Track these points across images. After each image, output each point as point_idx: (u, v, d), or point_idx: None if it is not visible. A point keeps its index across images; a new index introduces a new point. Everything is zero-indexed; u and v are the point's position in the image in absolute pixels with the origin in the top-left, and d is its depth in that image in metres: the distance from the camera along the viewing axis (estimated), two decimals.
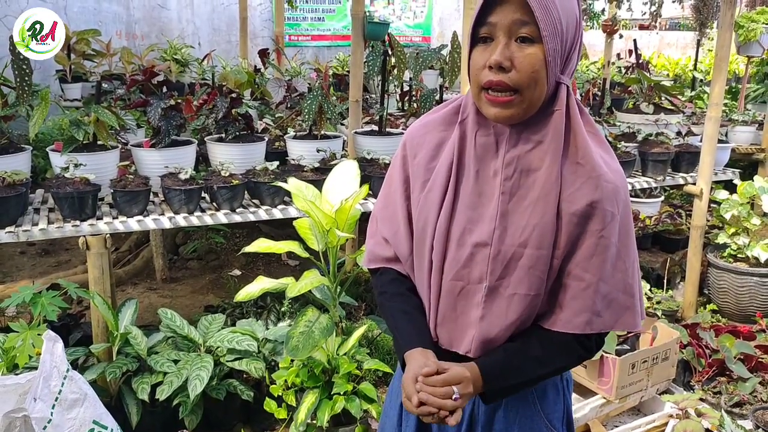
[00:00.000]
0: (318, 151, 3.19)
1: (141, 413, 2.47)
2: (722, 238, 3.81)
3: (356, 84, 3.40)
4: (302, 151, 3.20)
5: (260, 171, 2.96)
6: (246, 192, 2.97)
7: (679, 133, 4.04)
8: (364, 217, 2.40)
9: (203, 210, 2.85)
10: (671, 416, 2.60)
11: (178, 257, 4.71)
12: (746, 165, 4.75)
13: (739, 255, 3.77)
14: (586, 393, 2.77)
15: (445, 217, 1.19)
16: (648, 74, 4.99)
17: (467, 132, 1.20)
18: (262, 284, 2.53)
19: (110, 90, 3.83)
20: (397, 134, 3.44)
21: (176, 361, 2.54)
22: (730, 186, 4.02)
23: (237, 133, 3.15)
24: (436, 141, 1.25)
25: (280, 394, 2.50)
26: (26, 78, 2.76)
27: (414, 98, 4.31)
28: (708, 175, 3.58)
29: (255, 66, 4.57)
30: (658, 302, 3.62)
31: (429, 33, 8.38)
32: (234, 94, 3.24)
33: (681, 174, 3.88)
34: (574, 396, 2.61)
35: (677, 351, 2.88)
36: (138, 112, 3.52)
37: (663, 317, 3.37)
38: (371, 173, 3.04)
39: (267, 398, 2.56)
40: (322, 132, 3.38)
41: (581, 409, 2.64)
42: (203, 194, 2.87)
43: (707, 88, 5.18)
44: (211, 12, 6.87)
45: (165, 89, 3.70)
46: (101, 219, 2.66)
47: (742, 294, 3.69)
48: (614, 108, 4.76)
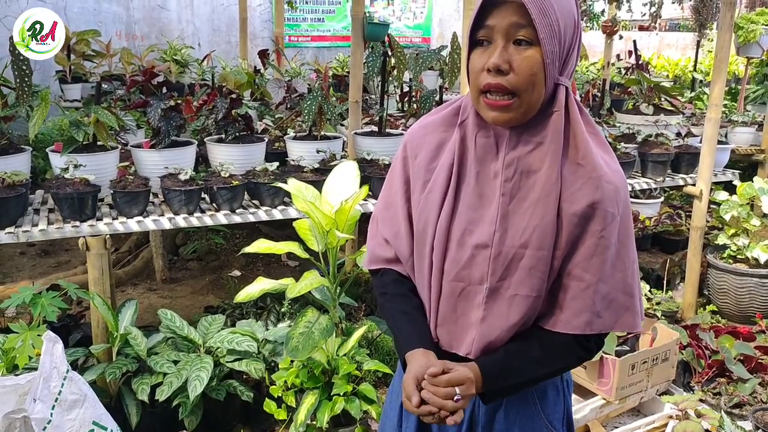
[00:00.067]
0: (318, 152, 3.19)
1: (141, 414, 2.46)
2: (722, 239, 3.82)
3: (356, 85, 3.40)
4: (302, 152, 3.20)
5: (260, 172, 2.96)
6: (246, 193, 2.97)
7: (679, 134, 4.04)
8: (364, 218, 2.40)
9: (203, 211, 2.85)
10: (671, 417, 2.60)
11: (178, 258, 4.71)
12: (746, 166, 4.75)
13: (739, 256, 3.77)
14: (586, 394, 2.77)
15: (446, 218, 1.19)
16: (648, 75, 5.00)
17: (467, 133, 1.20)
18: (262, 285, 2.53)
19: (110, 91, 3.82)
20: (397, 135, 3.44)
21: (176, 362, 2.54)
22: (730, 187, 4.02)
23: (237, 134, 3.15)
24: (437, 142, 1.25)
25: (280, 395, 2.50)
26: (26, 78, 2.76)
27: (414, 99, 4.31)
28: (708, 176, 3.58)
29: (255, 67, 4.58)
30: (658, 303, 3.62)
31: (429, 34, 8.38)
32: (234, 95, 3.24)
33: (681, 175, 3.88)
34: (574, 397, 2.61)
35: (677, 352, 2.88)
36: (138, 113, 3.51)
37: (663, 318, 3.37)
38: (371, 174, 3.04)
39: (267, 399, 2.55)
40: (322, 133, 3.39)
41: (581, 410, 2.64)
42: (203, 195, 2.87)
43: (707, 89, 5.18)
44: (211, 13, 6.87)
45: (165, 90, 3.70)
46: (101, 220, 2.66)
47: (742, 295, 3.69)
48: (614, 109, 4.76)
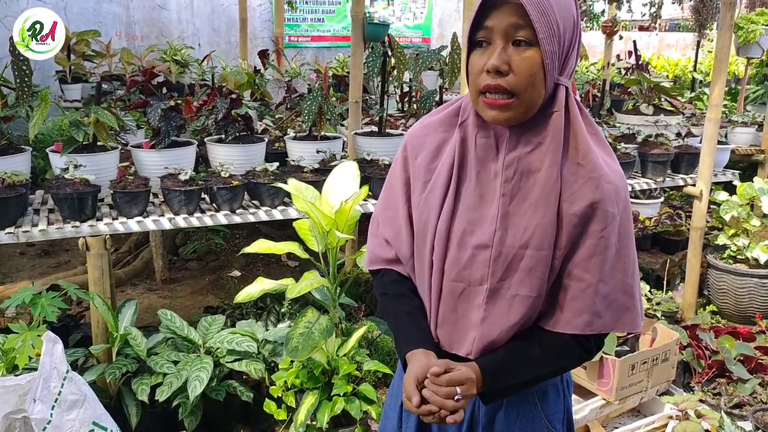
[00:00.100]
0: (318, 152, 3.19)
1: (140, 414, 2.46)
2: (722, 240, 3.81)
3: (356, 85, 3.40)
4: (302, 152, 3.20)
5: (260, 172, 2.96)
6: (246, 193, 2.97)
7: (679, 135, 4.04)
8: (364, 218, 2.40)
9: (203, 211, 2.85)
10: (671, 417, 2.60)
11: (178, 258, 4.71)
12: (746, 166, 4.75)
13: (739, 256, 3.77)
14: (586, 394, 2.77)
15: (446, 219, 1.19)
16: (648, 75, 5.00)
17: (468, 134, 1.20)
18: (262, 285, 2.53)
19: (110, 91, 3.83)
20: (397, 135, 3.44)
21: (176, 362, 2.53)
22: (730, 187, 4.02)
23: (237, 134, 3.15)
24: (437, 142, 1.25)
25: (280, 395, 2.50)
26: (26, 79, 2.76)
27: (414, 99, 4.31)
28: (708, 177, 3.58)
29: (255, 67, 4.58)
30: (658, 303, 3.62)
31: (429, 34, 8.38)
32: (234, 95, 3.24)
33: (681, 175, 3.88)
34: (574, 397, 2.61)
35: (677, 352, 2.87)
36: (138, 113, 3.51)
37: (663, 318, 3.37)
38: (371, 174, 3.04)
39: (267, 399, 2.55)
40: (322, 133, 3.38)
41: (581, 411, 2.64)
42: (203, 195, 2.87)
43: (707, 90, 5.18)
44: (211, 13, 6.87)
45: (165, 90, 3.70)
46: (101, 220, 2.66)
47: (742, 295, 3.69)
48: (614, 109, 4.76)
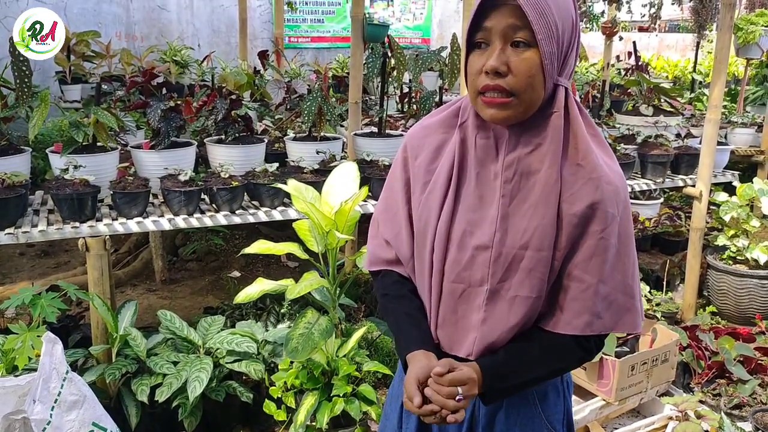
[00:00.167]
0: (317, 153, 3.19)
1: (140, 415, 2.46)
2: (721, 240, 3.82)
3: (356, 86, 3.40)
4: (302, 153, 3.20)
5: (260, 172, 2.96)
6: (245, 193, 2.97)
7: (679, 135, 4.04)
8: (364, 219, 2.40)
9: (203, 211, 2.85)
10: (671, 418, 2.60)
11: (178, 259, 4.71)
12: (745, 167, 4.75)
13: (739, 257, 3.77)
14: (586, 395, 2.77)
15: (446, 220, 1.19)
16: (647, 76, 5.01)
17: (467, 135, 1.20)
18: (262, 286, 2.53)
19: (110, 91, 3.83)
20: (397, 136, 3.44)
21: (175, 363, 2.53)
22: (730, 188, 4.02)
23: (236, 135, 3.15)
24: (437, 143, 1.25)
25: (280, 396, 2.50)
26: (26, 79, 2.76)
27: (413, 100, 4.31)
28: (707, 177, 3.58)
29: (255, 68, 4.58)
30: (658, 304, 3.62)
31: (428, 35, 8.39)
32: (234, 96, 3.24)
33: (680, 176, 3.88)
34: (574, 398, 2.61)
35: (677, 353, 2.87)
36: (138, 114, 3.52)
37: (662, 319, 3.37)
38: (371, 175, 3.04)
39: (266, 400, 2.55)
40: (322, 134, 3.38)
41: (581, 411, 2.64)
42: (203, 196, 2.87)
43: (706, 90, 5.19)
44: (211, 14, 6.87)
45: (165, 91, 3.70)
46: (101, 220, 2.66)
47: (742, 296, 3.69)
48: (614, 110, 4.76)
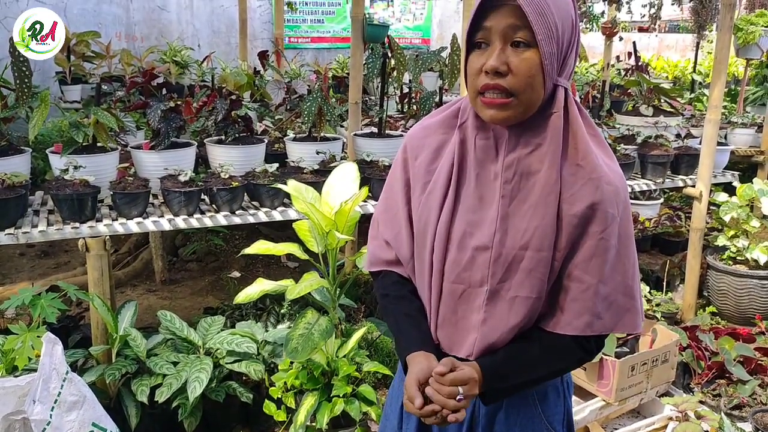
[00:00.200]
0: (317, 153, 3.19)
1: (140, 415, 2.46)
2: (721, 241, 3.82)
3: (356, 86, 3.40)
4: (302, 153, 3.20)
5: (260, 173, 2.96)
6: (245, 194, 2.97)
7: (679, 136, 4.04)
8: (364, 219, 2.40)
9: (203, 212, 2.85)
10: (671, 419, 2.60)
11: (178, 259, 4.71)
12: (745, 167, 4.75)
13: (739, 257, 3.77)
14: (586, 395, 2.77)
15: (446, 220, 1.19)
16: (647, 76, 5.00)
17: (467, 135, 1.20)
18: (262, 286, 2.53)
19: (110, 92, 3.83)
20: (397, 136, 3.44)
21: (175, 363, 2.53)
22: (730, 188, 4.02)
23: (236, 135, 3.15)
24: (437, 144, 1.25)
25: (280, 397, 2.50)
26: (26, 80, 2.76)
27: (413, 100, 4.31)
28: (707, 178, 3.58)
29: (254, 68, 4.58)
30: (658, 304, 3.62)
31: (428, 35, 8.39)
32: (234, 96, 3.24)
33: (680, 176, 3.88)
34: (574, 398, 2.61)
35: (677, 353, 2.87)
36: (138, 114, 3.52)
37: (662, 319, 3.37)
38: (371, 175, 3.04)
39: (266, 400, 2.55)
40: (322, 134, 3.38)
41: (581, 412, 2.64)
42: (203, 196, 2.87)
43: (706, 91, 5.19)
44: (211, 14, 6.87)
45: (164, 91, 3.71)
46: (101, 221, 2.66)
47: (742, 296, 3.69)
48: (614, 110, 4.76)
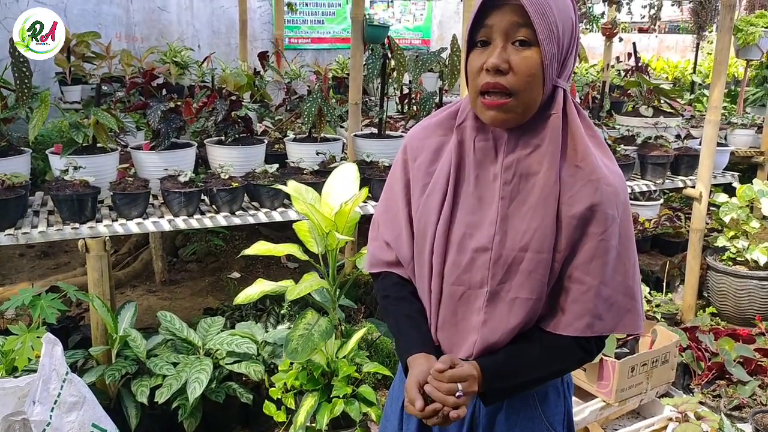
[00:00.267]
0: (317, 154, 3.19)
1: (140, 416, 2.46)
2: (721, 241, 3.82)
3: (356, 87, 3.40)
4: (302, 154, 3.20)
5: (260, 174, 2.96)
6: (245, 195, 2.97)
7: (679, 136, 4.04)
8: (364, 220, 2.40)
9: (203, 213, 2.85)
10: (671, 419, 2.60)
11: (178, 260, 4.71)
12: (745, 168, 4.75)
13: (739, 258, 3.77)
14: (586, 396, 2.77)
15: (445, 222, 1.19)
16: (647, 77, 5.00)
17: (466, 137, 1.20)
18: (262, 287, 2.53)
19: (110, 92, 3.83)
20: (397, 137, 3.44)
21: (175, 364, 2.53)
22: (730, 189, 4.02)
23: (236, 136, 3.15)
24: (436, 145, 1.25)
25: (280, 397, 2.50)
26: (26, 80, 2.76)
27: (413, 101, 4.31)
28: (707, 178, 3.58)
29: (255, 69, 4.59)
30: (658, 305, 3.62)
31: (428, 36, 8.39)
32: (234, 97, 3.24)
33: (680, 177, 3.88)
34: (574, 399, 2.61)
35: (676, 354, 2.87)
36: (138, 115, 3.52)
37: (662, 320, 3.37)
38: (371, 176, 3.04)
39: (266, 401, 2.55)
40: (322, 135, 3.38)
41: (581, 413, 2.64)
42: (203, 197, 2.87)
43: (706, 92, 5.19)
44: (211, 15, 6.87)
45: (164, 92, 3.71)
46: (100, 221, 2.66)
47: (742, 297, 3.69)
48: (613, 111, 4.77)
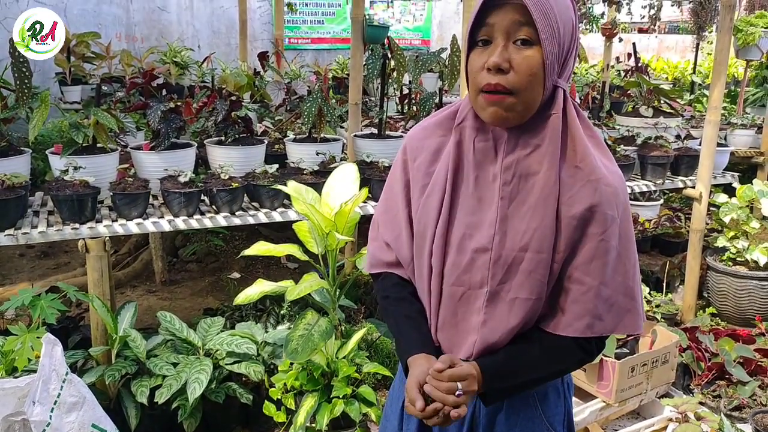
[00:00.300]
0: (317, 154, 3.19)
1: (140, 416, 2.46)
2: (721, 242, 3.82)
3: (356, 87, 3.40)
4: (302, 154, 3.20)
5: (260, 174, 2.96)
6: (245, 195, 2.97)
7: (678, 137, 4.04)
8: (364, 220, 2.40)
9: (203, 213, 2.85)
10: (671, 420, 2.60)
11: (178, 260, 4.71)
12: (745, 168, 4.75)
13: (738, 258, 3.77)
14: (586, 396, 2.77)
15: (444, 223, 1.19)
16: (647, 78, 5.00)
17: (465, 137, 1.20)
18: (262, 287, 2.53)
19: (110, 93, 3.83)
20: (397, 137, 3.44)
21: (175, 364, 2.53)
22: (730, 189, 4.02)
23: (236, 136, 3.15)
24: (435, 146, 1.25)
25: (279, 398, 2.50)
26: (26, 80, 2.76)
27: (413, 101, 4.31)
28: (707, 179, 3.58)
29: (255, 69, 4.58)
30: (658, 306, 3.62)
31: (428, 36, 8.39)
32: (233, 97, 3.24)
33: (680, 177, 3.88)
34: (574, 399, 2.60)
35: (676, 354, 2.87)
36: (138, 115, 3.52)
37: (662, 321, 3.37)
38: (371, 176, 3.04)
39: (266, 401, 2.55)
40: (322, 135, 3.38)
41: (581, 413, 2.64)
42: (203, 197, 2.87)
43: (706, 92, 5.20)
44: (211, 15, 6.87)
45: (164, 92, 3.71)
46: (100, 222, 2.66)
47: (742, 297, 3.69)
48: (613, 111, 4.76)
